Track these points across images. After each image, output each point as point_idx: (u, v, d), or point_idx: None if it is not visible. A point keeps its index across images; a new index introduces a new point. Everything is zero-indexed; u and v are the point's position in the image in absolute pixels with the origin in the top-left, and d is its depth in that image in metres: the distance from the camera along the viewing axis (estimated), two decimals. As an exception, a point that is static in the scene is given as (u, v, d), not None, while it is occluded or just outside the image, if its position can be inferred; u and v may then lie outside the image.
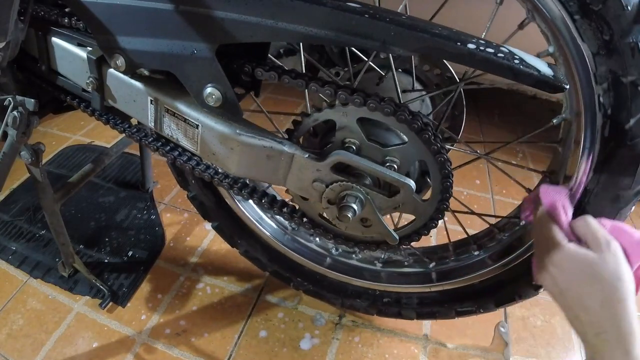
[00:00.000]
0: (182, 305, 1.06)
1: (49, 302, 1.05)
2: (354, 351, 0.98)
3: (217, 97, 0.59)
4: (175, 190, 1.40)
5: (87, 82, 0.69)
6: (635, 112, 0.55)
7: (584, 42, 0.54)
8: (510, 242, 0.77)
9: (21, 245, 1.17)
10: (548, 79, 0.46)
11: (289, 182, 0.65)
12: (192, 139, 0.65)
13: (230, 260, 1.18)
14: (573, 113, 0.61)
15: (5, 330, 0.98)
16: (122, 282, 1.10)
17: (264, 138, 0.61)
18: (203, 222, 1.28)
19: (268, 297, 1.09)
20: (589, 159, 0.61)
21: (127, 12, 0.58)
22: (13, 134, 0.78)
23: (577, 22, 0.53)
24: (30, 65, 0.80)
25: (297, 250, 0.95)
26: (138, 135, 0.75)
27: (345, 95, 0.56)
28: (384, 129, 0.63)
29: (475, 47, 0.47)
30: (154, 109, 0.66)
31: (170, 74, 0.61)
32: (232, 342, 0.99)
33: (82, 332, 0.99)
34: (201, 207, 0.94)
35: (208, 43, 0.56)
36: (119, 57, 0.63)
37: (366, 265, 0.94)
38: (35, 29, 0.73)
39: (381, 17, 0.48)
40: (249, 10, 0.52)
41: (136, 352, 0.96)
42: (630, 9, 0.50)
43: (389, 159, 0.62)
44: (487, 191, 1.50)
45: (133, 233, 1.23)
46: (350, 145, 0.61)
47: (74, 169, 1.43)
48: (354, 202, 0.62)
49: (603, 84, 0.55)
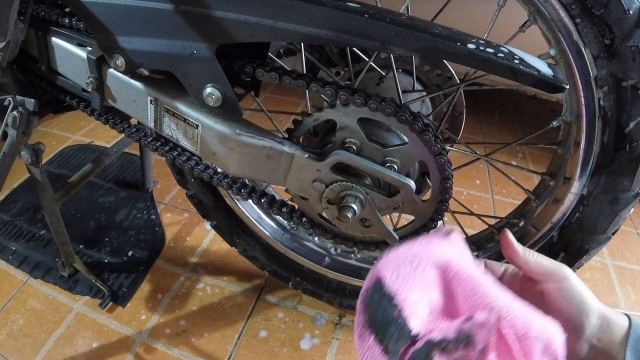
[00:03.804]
0: (182, 305, 1.06)
1: (49, 302, 1.05)
2: (354, 351, 0.98)
3: (217, 97, 0.59)
4: (175, 190, 1.40)
5: (87, 82, 0.69)
6: (635, 116, 0.55)
7: (585, 46, 0.54)
8: (510, 242, 0.77)
9: (21, 245, 1.17)
10: (548, 79, 0.46)
11: (288, 182, 0.65)
12: (192, 139, 0.65)
13: (230, 260, 1.18)
14: (573, 115, 0.61)
15: (5, 330, 0.98)
16: (122, 282, 1.10)
17: (264, 138, 0.61)
18: (203, 222, 1.28)
19: (268, 297, 1.09)
20: (588, 161, 0.61)
21: (127, 12, 0.58)
22: (13, 134, 0.78)
23: (578, 25, 0.53)
24: (30, 65, 0.80)
25: (296, 250, 0.95)
26: (138, 135, 0.75)
27: (346, 95, 0.56)
28: (385, 129, 0.63)
29: (475, 47, 0.47)
30: (154, 109, 0.66)
31: (170, 74, 0.61)
32: (232, 342, 0.99)
33: (82, 332, 0.99)
34: (200, 205, 0.94)
35: (208, 43, 0.56)
36: (118, 57, 0.63)
37: (365, 265, 0.94)
38: (35, 29, 0.73)
39: (381, 17, 0.48)
40: (248, 10, 0.52)
41: (136, 352, 0.95)
42: (632, 13, 0.50)
43: (389, 159, 0.62)
44: (487, 191, 1.50)
45: (133, 233, 1.23)
46: (350, 145, 0.61)
47: (74, 169, 1.43)
48: (353, 202, 0.62)
49: (603, 87, 0.55)
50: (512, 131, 1.81)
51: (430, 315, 0.39)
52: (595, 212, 0.65)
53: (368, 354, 0.38)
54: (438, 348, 0.35)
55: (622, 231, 1.29)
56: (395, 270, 0.40)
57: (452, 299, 0.40)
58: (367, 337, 0.38)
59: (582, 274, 1.22)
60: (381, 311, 0.38)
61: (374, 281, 0.40)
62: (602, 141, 0.59)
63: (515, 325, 0.36)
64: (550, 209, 0.71)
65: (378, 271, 0.40)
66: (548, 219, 0.70)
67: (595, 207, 0.64)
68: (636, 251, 1.32)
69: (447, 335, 0.36)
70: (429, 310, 0.39)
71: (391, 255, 0.42)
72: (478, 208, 1.42)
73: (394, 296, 0.38)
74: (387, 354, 0.37)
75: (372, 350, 0.38)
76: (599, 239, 0.67)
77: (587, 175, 0.62)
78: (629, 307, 1.14)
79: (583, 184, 0.63)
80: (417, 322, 0.38)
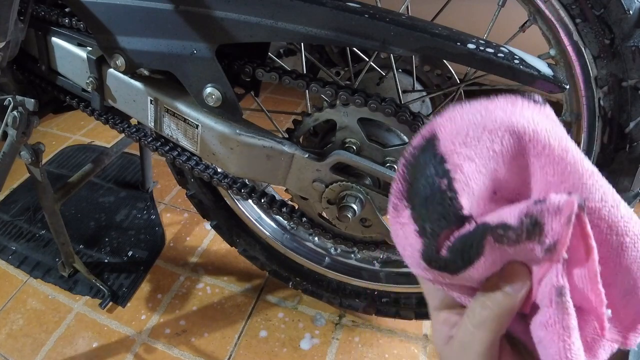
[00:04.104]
0: (182, 305, 1.06)
1: (49, 302, 1.05)
2: (354, 351, 0.98)
3: (217, 97, 0.59)
4: (175, 190, 1.40)
5: (87, 82, 0.69)
6: (635, 116, 0.55)
7: (585, 46, 0.54)
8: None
9: (21, 245, 1.17)
10: (548, 79, 0.46)
11: (288, 182, 0.65)
12: (192, 139, 0.65)
13: (230, 260, 1.18)
14: (573, 115, 0.61)
15: (5, 330, 0.98)
16: (122, 282, 1.10)
17: (264, 138, 0.61)
18: (203, 222, 1.28)
19: (268, 297, 1.09)
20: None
21: (127, 12, 0.58)
22: (13, 134, 0.78)
23: (578, 25, 0.53)
24: (30, 65, 0.80)
25: (296, 250, 0.95)
26: (138, 135, 0.75)
27: (346, 95, 0.56)
28: (385, 129, 0.63)
29: (475, 47, 0.47)
30: (154, 109, 0.66)
31: (170, 74, 0.61)
32: (232, 342, 0.99)
33: (82, 332, 0.99)
34: (200, 205, 0.94)
35: (208, 43, 0.56)
36: (118, 57, 0.63)
37: (365, 265, 0.94)
38: (35, 29, 0.73)
39: (381, 17, 0.48)
40: (248, 10, 0.52)
41: (136, 352, 0.95)
42: (632, 13, 0.50)
43: (389, 159, 0.62)
44: (487, 191, 1.50)
45: (133, 233, 1.23)
46: (350, 145, 0.61)
47: (74, 169, 1.43)
48: (353, 202, 0.62)
49: (603, 87, 0.55)
50: (512, 131, 1.81)
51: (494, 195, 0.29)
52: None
53: (400, 232, 0.28)
54: (493, 235, 0.26)
55: (622, 231, 1.28)
56: (457, 128, 0.28)
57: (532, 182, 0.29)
58: (402, 210, 0.28)
59: (582, 274, 1.22)
60: (425, 179, 0.27)
61: (425, 138, 0.29)
62: (602, 141, 0.59)
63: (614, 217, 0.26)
64: (550, 209, 0.71)
65: (434, 126, 0.29)
66: (548, 219, 0.70)
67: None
68: (636, 251, 1.32)
69: (508, 219, 0.26)
70: (493, 188, 0.29)
71: (456, 110, 0.29)
72: (478, 208, 1.42)
73: (447, 160, 0.27)
74: (423, 236, 0.27)
75: (405, 228, 0.28)
76: (599, 239, 0.67)
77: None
78: (629, 307, 1.14)
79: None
80: (472, 199, 0.28)
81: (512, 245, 0.26)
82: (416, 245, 0.27)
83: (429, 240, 0.27)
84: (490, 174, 0.28)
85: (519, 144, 0.28)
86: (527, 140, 0.28)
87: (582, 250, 0.26)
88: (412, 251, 0.28)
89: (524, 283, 0.28)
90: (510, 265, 0.28)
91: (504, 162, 0.28)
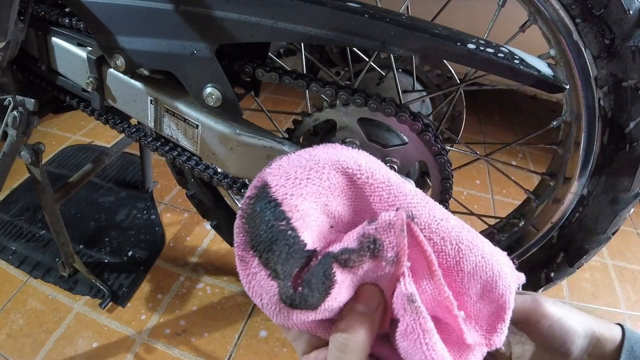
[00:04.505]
0: (182, 305, 1.06)
1: (49, 302, 1.05)
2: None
3: (217, 97, 0.59)
4: (175, 190, 1.40)
5: (87, 82, 0.69)
6: (635, 116, 0.55)
7: (585, 46, 0.54)
8: (509, 243, 0.77)
9: (21, 245, 1.17)
10: (548, 79, 0.46)
11: (288, 183, 0.65)
12: (192, 139, 0.65)
13: (230, 260, 1.18)
14: (573, 115, 0.61)
15: (5, 330, 0.98)
16: (122, 282, 1.09)
17: (264, 138, 0.61)
18: (203, 222, 1.28)
19: (268, 297, 1.09)
20: (588, 161, 0.61)
21: (127, 12, 0.59)
22: (13, 134, 0.78)
23: (578, 25, 0.53)
24: (30, 65, 0.80)
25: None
26: (138, 135, 0.75)
27: (346, 95, 0.56)
28: (385, 129, 0.63)
29: (475, 47, 0.47)
30: (154, 109, 0.66)
31: (170, 74, 0.61)
32: (232, 342, 0.99)
33: (82, 332, 0.99)
34: (200, 205, 0.94)
35: (208, 43, 0.56)
36: (118, 57, 0.63)
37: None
38: (35, 29, 0.73)
39: (381, 17, 0.48)
40: (249, 10, 0.52)
41: (136, 352, 0.95)
42: (632, 13, 0.50)
43: (389, 159, 0.62)
44: (487, 191, 1.49)
45: (133, 233, 1.23)
46: (350, 145, 0.61)
47: (74, 169, 1.43)
48: (353, 202, 0.62)
49: (603, 87, 0.55)
50: (512, 131, 1.81)
51: (331, 228, 0.31)
52: (595, 212, 0.64)
53: (253, 282, 0.29)
54: (339, 261, 0.27)
55: (622, 231, 1.28)
56: (285, 173, 0.30)
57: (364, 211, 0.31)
58: (250, 260, 0.29)
59: (582, 274, 1.22)
60: (265, 224, 0.28)
61: (257, 187, 0.30)
62: (602, 141, 0.59)
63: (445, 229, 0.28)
64: (550, 209, 0.71)
65: (263, 175, 0.31)
66: (548, 219, 0.70)
67: (595, 207, 0.64)
68: (636, 251, 1.32)
69: (349, 244, 0.28)
70: (329, 222, 0.30)
71: (283, 159, 0.31)
72: (478, 208, 1.42)
73: (281, 203, 0.29)
74: (276, 279, 0.28)
75: (257, 276, 0.29)
76: (599, 239, 0.67)
77: (587, 176, 0.62)
78: (629, 307, 1.14)
79: (583, 184, 0.63)
80: (313, 234, 0.29)
81: (359, 267, 0.27)
82: (271, 290, 0.29)
83: (283, 281, 0.28)
84: (322, 209, 0.30)
85: (344, 178, 0.31)
86: (352, 173, 0.31)
87: (421, 257, 0.28)
88: (269, 297, 0.29)
89: (377, 300, 0.29)
90: (362, 288, 0.30)
91: (334, 196, 0.30)
